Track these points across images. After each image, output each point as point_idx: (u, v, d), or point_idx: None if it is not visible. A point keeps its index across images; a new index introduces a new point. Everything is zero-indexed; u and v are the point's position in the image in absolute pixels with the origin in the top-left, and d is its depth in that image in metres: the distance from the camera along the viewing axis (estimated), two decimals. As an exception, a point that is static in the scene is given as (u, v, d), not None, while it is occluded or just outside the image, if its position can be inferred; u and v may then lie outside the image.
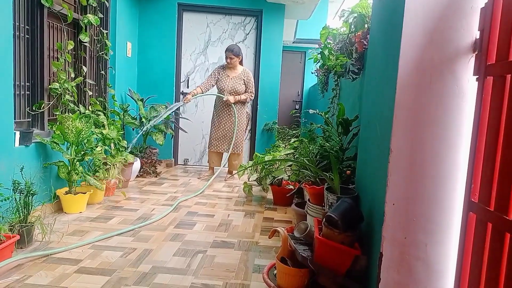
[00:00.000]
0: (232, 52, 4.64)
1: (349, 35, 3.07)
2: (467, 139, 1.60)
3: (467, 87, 1.62)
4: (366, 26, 2.79)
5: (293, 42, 8.91)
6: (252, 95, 4.85)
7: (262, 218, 3.38)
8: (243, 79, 4.76)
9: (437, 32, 1.63)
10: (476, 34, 1.58)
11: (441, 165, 1.66)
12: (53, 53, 3.36)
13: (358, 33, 2.86)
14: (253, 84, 4.83)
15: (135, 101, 4.82)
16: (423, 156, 1.66)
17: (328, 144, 2.75)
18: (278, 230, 2.07)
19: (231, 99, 4.69)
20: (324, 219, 1.90)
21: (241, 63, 4.84)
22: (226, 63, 4.75)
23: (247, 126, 5.18)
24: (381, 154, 1.79)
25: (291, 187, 3.72)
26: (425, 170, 1.66)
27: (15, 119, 2.80)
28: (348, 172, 2.43)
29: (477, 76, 1.54)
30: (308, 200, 2.56)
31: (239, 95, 4.77)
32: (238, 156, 4.91)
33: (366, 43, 2.72)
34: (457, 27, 1.62)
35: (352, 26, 2.93)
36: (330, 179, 2.30)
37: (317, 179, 2.53)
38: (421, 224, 1.69)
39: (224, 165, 5.31)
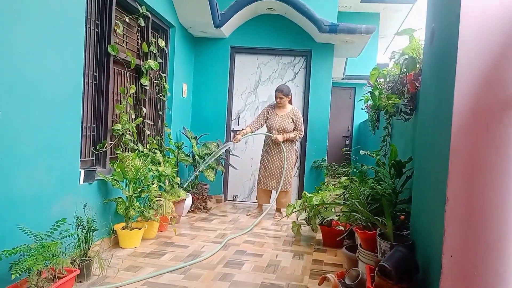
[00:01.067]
0: (282, 92, 4.76)
1: (400, 75, 3.04)
2: (531, 189, 1.51)
3: (529, 134, 1.54)
4: (418, 66, 2.76)
5: (343, 79, 8.94)
6: (301, 133, 4.88)
7: (311, 260, 3.31)
8: (292, 118, 4.83)
9: (493, 76, 1.59)
10: (537, 79, 1.52)
11: (502, 215, 1.56)
12: (117, 96, 3.64)
13: (410, 74, 2.83)
14: (302, 122, 4.87)
15: (189, 139, 5.03)
16: (482, 206, 1.58)
17: (380, 187, 2.68)
18: (328, 277, 2.02)
19: (280, 137, 4.74)
20: (376, 268, 1.83)
21: (290, 102, 4.93)
22: (275, 102, 4.85)
23: (295, 164, 5.18)
24: (437, 202, 1.73)
25: (341, 228, 3.63)
26: (485, 220, 1.57)
27: (80, 158, 3.03)
28: (402, 217, 2.35)
29: (540, 123, 1.47)
30: (360, 245, 2.48)
31: (287, 133, 4.82)
32: (287, 194, 4.90)
33: (418, 85, 2.68)
34: (514, 73, 1.56)
35: (403, 67, 2.91)
36: (383, 224, 2.23)
37: (368, 223, 2.46)
38: (483, 278, 1.58)
39: (273, 203, 5.33)
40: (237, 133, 4.87)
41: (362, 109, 6.45)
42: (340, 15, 5.96)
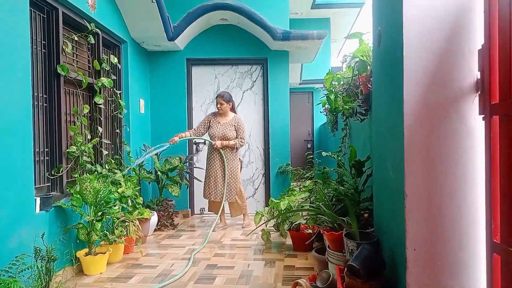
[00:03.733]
0: (222, 98, 4.69)
1: (353, 78, 3.14)
2: (482, 178, 1.59)
3: (475, 126, 1.63)
4: (368, 68, 2.86)
5: (300, 84, 9.11)
6: (242, 141, 4.77)
7: (283, 266, 3.32)
8: (234, 125, 4.74)
9: (439, 73, 1.67)
10: (477, 74, 1.62)
11: (459, 205, 1.64)
12: (70, 117, 3.50)
13: (362, 76, 2.93)
14: (244, 130, 4.78)
15: (150, 154, 4.90)
16: (439, 198, 1.65)
17: (342, 188, 2.74)
18: (300, 282, 2.03)
19: (219, 143, 4.65)
20: (345, 268, 1.86)
21: (233, 110, 4.86)
22: (217, 109, 4.79)
23: (240, 171, 5.04)
24: (397, 198, 1.78)
25: (310, 231, 3.66)
26: (443, 211, 1.64)
27: (35, 185, 2.88)
28: (366, 215, 2.41)
29: (483, 115, 1.56)
30: (328, 246, 2.52)
31: (230, 141, 4.71)
32: (235, 204, 4.82)
33: (370, 86, 2.78)
34: (457, 68, 1.66)
35: (355, 70, 3.01)
36: (348, 224, 2.27)
37: (335, 224, 2.50)
38: (446, 268, 1.64)
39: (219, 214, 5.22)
40: (176, 135, 4.69)
41: (321, 112, 6.60)
42: (292, 22, 6.09)
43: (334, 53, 11.28)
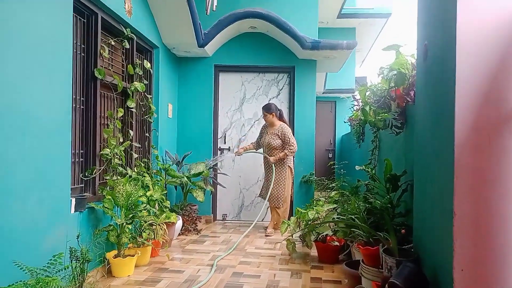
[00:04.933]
0: (264, 110, 5.01)
1: (389, 90, 3.11)
2: (536, 200, 1.55)
3: (529, 146, 1.59)
4: (406, 82, 2.82)
5: (323, 93, 9.08)
6: (292, 147, 4.90)
7: (309, 278, 3.28)
8: (278, 135, 4.92)
9: (492, 92, 1.63)
10: (533, 93, 1.58)
11: (510, 226, 1.59)
12: (104, 120, 3.57)
13: (398, 89, 2.90)
14: (291, 137, 4.91)
15: (174, 162, 4.94)
16: (490, 219, 1.61)
17: (378, 201, 2.70)
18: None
19: (271, 159, 4.94)
20: (386, 285, 1.82)
21: (281, 119, 5.07)
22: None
23: (291, 181, 5.18)
24: (443, 216, 1.75)
25: (336, 243, 3.62)
26: (494, 233, 1.60)
27: (70, 186, 2.93)
28: (403, 231, 2.36)
29: (540, 135, 1.52)
30: (362, 261, 2.48)
31: (275, 149, 4.94)
32: (277, 211, 4.92)
33: (409, 99, 2.75)
34: (510, 87, 1.62)
35: (392, 82, 2.97)
36: (385, 239, 2.24)
37: (370, 238, 2.46)
38: (495, 291, 1.60)
39: (263, 218, 5.35)
40: (240, 146, 5.18)
41: (345, 122, 6.56)
42: (318, 31, 6.08)
43: (358, 63, 11.22)
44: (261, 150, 5.20)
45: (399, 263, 1.97)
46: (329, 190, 5.46)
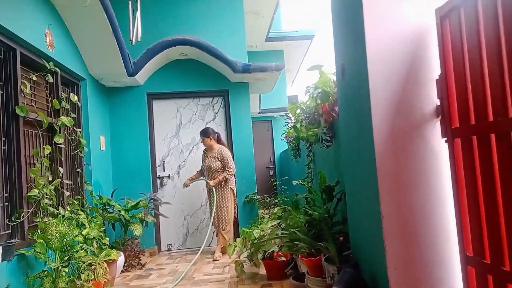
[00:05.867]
0: (201, 134, 5.08)
1: (316, 106, 3.30)
2: (451, 196, 1.73)
3: (439, 149, 1.78)
4: (330, 98, 3.03)
5: (259, 113, 9.31)
6: (230, 170, 4.95)
7: (260, 297, 3.29)
8: (217, 157, 4.96)
9: (402, 102, 1.82)
10: (437, 101, 1.79)
11: (432, 223, 1.76)
12: (30, 159, 3.35)
13: (324, 105, 3.09)
14: (229, 159, 4.96)
15: (104, 204, 4.70)
16: (413, 217, 1.76)
17: (316, 213, 2.82)
18: (286, 311, 2.04)
19: (211, 183, 4.93)
20: (330, 293, 1.90)
21: (220, 142, 5.13)
22: None
23: (234, 202, 5.20)
24: (373, 220, 1.88)
25: (283, 258, 3.69)
26: (418, 230, 1.76)
27: (-5, 233, 2.71)
28: (341, 238, 2.49)
29: (445, 138, 1.71)
30: (307, 272, 2.56)
31: (216, 172, 4.95)
32: (223, 233, 4.90)
33: (334, 114, 2.94)
34: (418, 97, 1.82)
35: (318, 99, 3.17)
36: (326, 248, 2.34)
37: (312, 249, 2.55)
38: (425, 284, 1.74)
39: (210, 243, 5.29)
40: (188, 178, 5.21)
41: (282, 139, 6.77)
42: (248, 55, 6.29)
43: (289, 82, 11.68)
44: (202, 178, 5.20)
45: (339, 269, 2.06)
46: (272, 207, 5.56)
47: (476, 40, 1.43)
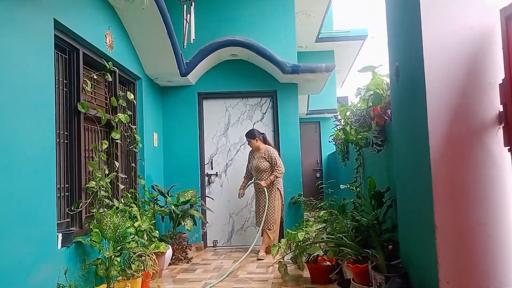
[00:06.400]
0: (247, 136, 5.13)
1: (368, 109, 3.21)
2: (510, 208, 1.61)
3: (501, 157, 1.66)
4: (382, 101, 2.93)
5: (307, 114, 9.23)
6: (279, 168, 4.98)
7: (303, 300, 3.26)
8: (265, 157, 4.99)
9: (461, 107, 1.72)
10: (499, 107, 1.67)
11: (490, 236, 1.65)
12: (89, 153, 3.57)
13: (376, 108, 3.00)
14: (278, 158, 5.00)
15: (162, 194, 4.90)
16: (470, 229, 1.66)
17: (364, 219, 2.74)
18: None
19: (262, 183, 4.96)
20: (376, 302, 1.84)
21: (266, 142, 5.17)
22: None
23: (281, 203, 5.20)
24: (426, 230, 1.80)
25: (328, 263, 3.63)
26: (475, 243, 1.65)
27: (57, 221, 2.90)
28: (390, 247, 2.40)
29: (508, 147, 1.60)
30: (352, 279, 2.50)
31: (264, 172, 4.99)
32: (268, 233, 4.92)
33: (386, 117, 2.84)
34: (479, 102, 1.71)
35: (369, 102, 3.08)
36: (373, 256, 2.27)
37: (359, 256, 2.49)
38: (480, 300, 1.63)
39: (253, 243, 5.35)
40: (240, 188, 5.24)
41: (330, 142, 6.66)
42: (298, 55, 6.25)
43: (338, 84, 11.48)
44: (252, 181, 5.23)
45: (387, 279, 1.99)
46: (318, 210, 5.48)
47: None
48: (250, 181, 5.20)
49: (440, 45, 1.75)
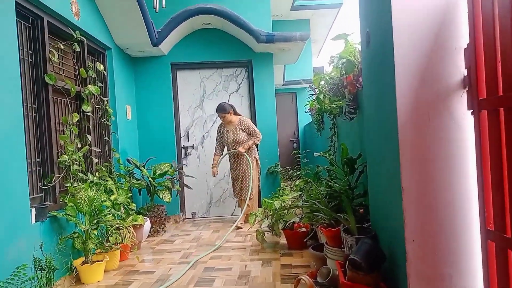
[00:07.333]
0: (221, 112, 4.99)
1: (341, 77, 3.23)
2: (473, 169, 1.68)
3: (464, 121, 1.72)
4: (355, 68, 2.95)
5: (283, 85, 9.21)
6: (258, 136, 5.02)
7: (279, 265, 3.37)
8: (241, 128, 4.97)
9: (428, 72, 1.76)
10: (464, 71, 1.71)
11: (453, 196, 1.73)
12: (60, 126, 3.48)
13: (349, 76, 3.03)
14: (253, 127, 5.03)
15: (137, 167, 4.86)
16: (434, 190, 1.73)
17: (337, 185, 2.82)
18: (303, 278, 2.09)
19: (241, 149, 4.93)
20: (347, 263, 1.93)
21: (236, 114, 5.09)
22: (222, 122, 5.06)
23: (258, 171, 5.24)
24: (394, 192, 1.87)
25: (303, 229, 3.74)
26: (439, 203, 1.73)
27: (29, 196, 2.85)
28: (361, 211, 2.49)
29: (472, 110, 1.65)
30: (326, 242, 2.59)
31: (243, 143, 4.97)
32: (248, 201, 4.97)
33: (359, 85, 2.87)
34: (445, 66, 1.75)
35: (342, 70, 3.09)
36: (345, 219, 2.35)
37: (331, 221, 2.57)
38: (444, 257, 1.73)
39: (232, 213, 5.43)
40: (212, 166, 5.11)
41: (306, 112, 6.71)
42: (273, 24, 6.16)
43: (314, 53, 11.44)
44: (225, 150, 5.20)
45: (358, 240, 2.08)
46: (294, 179, 5.58)
47: (508, 7, 1.35)
48: (226, 153, 5.16)
49: (408, 10, 1.76)
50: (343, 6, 8.38)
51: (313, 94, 4.51)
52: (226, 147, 5.16)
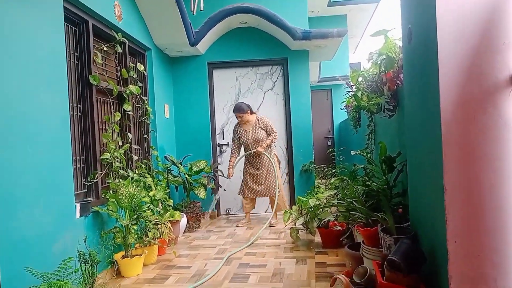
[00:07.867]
0: (239, 112, 4.95)
1: (380, 74, 3.16)
2: (522, 169, 1.60)
3: (512, 119, 1.64)
4: (395, 65, 2.87)
5: (318, 81, 9.11)
6: (275, 135, 4.97)
7: (314, 263, 3.35)
8: (260, 127, 4.98)
9: (474, 68, 1.69)
10: (513, 67, 1.63)
11: (499, 197, 1.65)
12: (102, 125, 3.62)
13: (388, 73, 2.95)
14: (271, 125, 4.98)
15: (174, 164, 4.98)
16: (479, 191, 1.66)
17: (374, 184, 2.76)
18: (339, 277, 2.07)
19: (260, 149, 4.90)
20: (385, 263, 1.89)
21: (252, 113, 5.05)
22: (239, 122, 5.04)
23: (280, 167, 5.24)
24: (435, 192, 1.81)
25: (339, 228, 3.70)
26: (483, 203, 1.66)
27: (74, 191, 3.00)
28: (400, 210, 2.43)
29: (522, 108, 1.57)
30: (363, 242, 2.54)
31: (263, 142, 4.94)
32: (275, 199, 4.97)
33: (398, 82, 2.80)
34: (492, 63, 1.67)
35: (382, 67, 3.02)
36: (383, 219, 2.30)
37: (369, 220, 2.52)
38: (488, 259, 1.66)
39: (266, 210, 5.43)
40: (228, 168, 5.08)
41: (341, 109, 6.60)
42: (309, 21, 6.10)
43: (351, 49, 11.22)
44: (242, 151, 5.15)
45: (397, 240, 2.03)
46: (329, 177, 5.52)
47: None
48: (244, 154, 5.08)
49: (453, 5, 1.69)
50: (381, 1, 8.16)
51: (350, 91, 4.43)
52: (243, 147, 5.11)
